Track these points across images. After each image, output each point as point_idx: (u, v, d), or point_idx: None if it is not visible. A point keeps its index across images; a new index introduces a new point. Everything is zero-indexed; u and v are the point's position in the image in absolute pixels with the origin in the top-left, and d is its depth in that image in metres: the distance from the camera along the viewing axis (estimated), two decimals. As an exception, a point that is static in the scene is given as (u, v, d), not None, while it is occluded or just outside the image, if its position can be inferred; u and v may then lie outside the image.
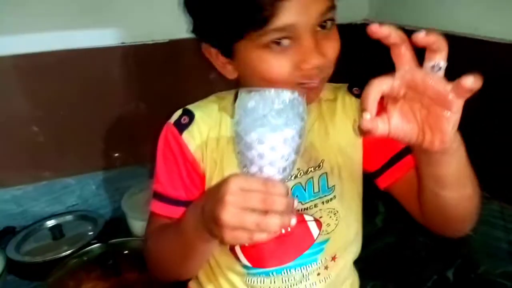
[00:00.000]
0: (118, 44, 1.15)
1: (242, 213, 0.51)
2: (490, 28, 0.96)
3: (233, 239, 0.53)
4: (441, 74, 0.50)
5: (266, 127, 0.54)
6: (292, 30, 0.58)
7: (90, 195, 1.25)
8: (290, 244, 0.73)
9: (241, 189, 0.52)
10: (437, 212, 0.66)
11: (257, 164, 0.55)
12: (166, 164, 0.74)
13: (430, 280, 1.03)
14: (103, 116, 1.20)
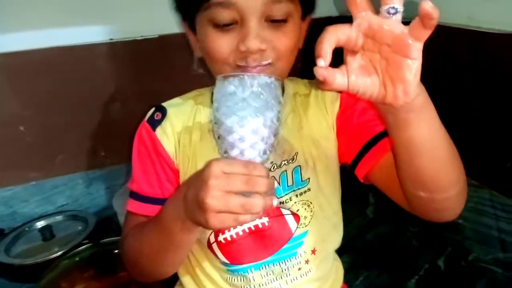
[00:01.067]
0: (107, 41, 1.14)
1: (226, 196, 0.52)
2: (484, 17, 0.97)
3: (218, 222, 0.53)
4: (398, 19, 0.47)
5: (247, 110, 0.55)
6: (236, 8, 0.60)
7: (80, 195, 1.23)
8: (268, 239, 0.73)
9: (223, 172, 0.53)
10: (418, 188, 0.59)
11: (238, 148, 0.56)
12: (141, 162, 0.73)
13: (422, 269, 1.04)
14: (92, 114, 1.18)
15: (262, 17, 0.62)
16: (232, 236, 0.72)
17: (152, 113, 0.75)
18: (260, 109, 0.55)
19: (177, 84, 1.20)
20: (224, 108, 0.56)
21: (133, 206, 0.73)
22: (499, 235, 0.99)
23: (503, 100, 0.94)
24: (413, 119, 0.53)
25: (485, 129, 0.99)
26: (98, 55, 1.14)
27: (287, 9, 0.63)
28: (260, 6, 0.61)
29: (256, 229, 0.72)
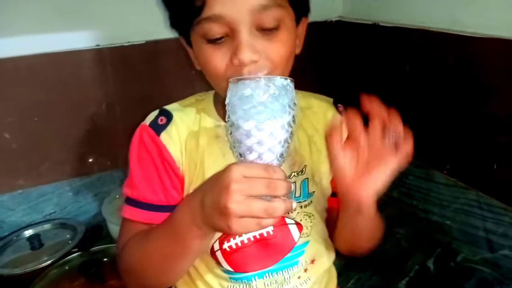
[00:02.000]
0: (93, 47, 1.13)
1: (249, 200, 0.52)
2: (468, 21, 0.99)
3: (241, 227, 0.53)
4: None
5: (264, 114, 0.55)
6: (225, 21, 0.59)
7: (68, 202, 1.21)
8: (272, 247, 0.73)
9: (244, 176, 0.53)
10: (344, 245, 0.76)
11: (257, 151, 0.55)
12: (143, 168, 0.70)
13: (412, 270, 1.05)
14: (79, 121, 1.17)
15: (252, 27, 0.60)
16: (237, 244, 0.72)
17: (156, 117, 0.72)
18: (278, 112, 0.55)
19: (165, 90, 1.21)
20: (240, 112, 0.55)
21: (133, 214, 0.70)
22: (486, 236, 1.01)
23: (488, 103, 0.96)
24: (359, 220, 0.65)
25: (471, 131, 1.01)
26: (84, 61, 1.13)
27: (277, 15, 0.62)
28: (248, 16, 0.59)
29: (261, 237, 0.72)
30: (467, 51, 0.99)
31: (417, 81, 1.13)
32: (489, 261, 1.01)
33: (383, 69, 1.25)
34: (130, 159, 0.72)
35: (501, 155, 0.94)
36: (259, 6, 0.59)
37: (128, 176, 0.72)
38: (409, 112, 1.17)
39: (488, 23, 0.94)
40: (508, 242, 0.96)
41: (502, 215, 0.96)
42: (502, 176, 0.95)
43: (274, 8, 0.61)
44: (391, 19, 1.18)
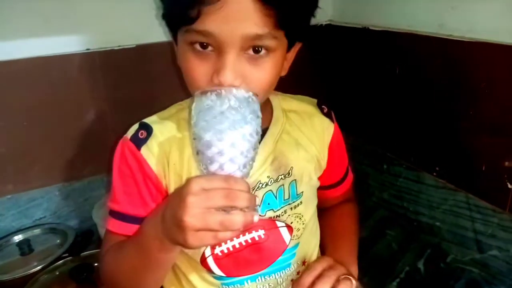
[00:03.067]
0: (83, 51, 1.12)
1: (205, 213, 0.52)
2: (454, 25, 1.00)
3: (197, 241, 0.53)
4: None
5: (225, 124, 0.55)
6: (214, 39, 0.58)
7: (58, 207, 1.20)
8: (264, 251, 0.74)
9: (202, 189, 0.52)
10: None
11: (218, 162, 0.55)
12: (123, 182, 0.71)
13: (403, 272, 1.06)
14: (69, 125, 1.16)
15: (241, 50, 0.60)
16: (229, 249, 0.72)
17: (136, 131, 0.72)
18: (239, 122, 0.55)
19: (156, 94, 1.20)
20: (202, 123, 0.56)
21: (114, 226, 0.71)
22: (476, 236, 1.02)
23: (476, 106, 0.97)
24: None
25: (460, 134, 1.02)
26: (74, 65, 1.11)
27: (269, 45, 0.61)
28: (240, 40, 0.58)
29: (253, 241, 0.73)
30: (454, 54, 1.00)
31: (407, 84, 1.15)
32: (478, 261, 1.03)
33: (373, 73, 1.26)
34: (113, 171, 0.72)
35: (489, 156, 0.96)
36: (253, 35, 0.58)
37: (111, 189, 0.73)
38: (399, 114, 1.19)
39: (473, 28, 0.96)
40: (497, 243, 0.97)
41: (490, 216, 0.97)
42: (490, 177, 0.96)
43: (268, 39, 0.60)
44: (381, 23, 1.20)
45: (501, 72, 0.91)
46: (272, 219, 0.74)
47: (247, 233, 0.73)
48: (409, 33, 1.10)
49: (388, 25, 1.17)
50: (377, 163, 1.28)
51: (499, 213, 0.95)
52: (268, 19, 0.57)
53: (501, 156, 0.93)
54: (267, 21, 0.58)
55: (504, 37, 0.89)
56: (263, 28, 0.58)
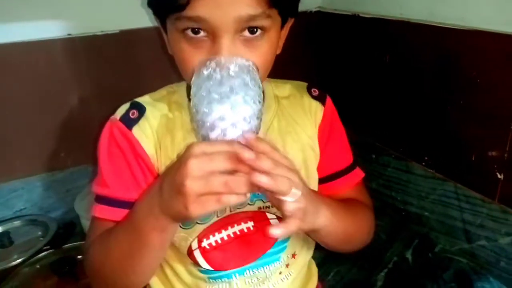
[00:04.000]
0: (65, 36, 1.08)
1: (208, 176, 0.48)
2: (445, 13, 0.98)
3: (199, 207, 0.49)
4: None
5: (225, 87, 0.53)
6: (207, 24, 0.56)
7: (39, 198, 1.17)
8: (253, 243, 0.72)
9: (204, 153, 0.49)
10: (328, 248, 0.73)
11: (219, 127, 0.53)
12: (113, 164, 0.67)
13: (391, 262, 1.06)
14: (50, 113, 1.12)
15: (235, 33, 0.58)
16: (217, 241, 0.70)
17: (127, 110, 0.68)
18: (239, 87, 0.53)
19: (141, 81, 1.17)
20: (202, 91, 0.54)
21: (102, 212, 0.66)
22: (464, 226, 1.02)
23: (466, 95, 0.96)
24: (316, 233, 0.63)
25: (450, 123, 1.01)
26: (56, 51, 1.08)
27: (264, 25, 0.59)
28: (233, 23, 0.56)
29: (241, 233, 0.71)
30: (445, 43, 0.99)
31: (397, 73, 1.13)
32: (466, 251, 1.03)
33: (363, 61, 1.25)
34: (99, 155, 0.68)
35: (479, 146, 0.95)
36: (247, 16, 0.57)
37: (97, 174, 0.68)
38: (389, 104, 1.18)
39: (465, 16, 0.94)
40: (485, 233, 0.97)
41: (479, 206, 0.97)
42: (480, 167, 0.95)
43: (262, 19, 0.58)
44: (371, 10, 1.18)
45: (493, 61, 0.90)
46: (262, 210, 0.72)
47: (235, 225, 0.70)
48: (400, 20, 1.09)
49: (379, 13, 1.15)
50: (365, 152, 1.27)
51: (488, 203, 0.95)
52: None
53: (491, 146, 0.92)
54: (259, 1, 0.56)
55: (496, 25, 0.88)
56: (256, 8, 0.56)
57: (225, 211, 0.70)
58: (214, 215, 0.69)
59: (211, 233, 0.69)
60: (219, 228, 0.70)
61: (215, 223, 0.69)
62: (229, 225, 0.70)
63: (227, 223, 0.70)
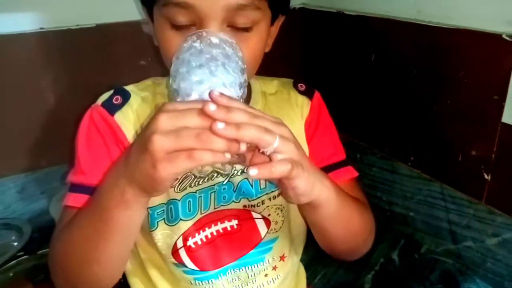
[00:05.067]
0: (36, 30, 1.02)
1: (179, 130, 0.43)
2: (433, 11, 0.97)
3: (168, 165, 0.43)
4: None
5: (205, 56, 0.51)
6: (194, 11, 0.55)
7: (12, 201, 1.11)
8: (236, 242, 0.70)
9: (177, 109, 0.45)
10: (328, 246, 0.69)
11: (196, 91, 0.49)
12: (92, 149, 0.64)
13: (378, 264, 1.05)
14: (23, 111, 1.07)
15: (223, 23, 0.56)
16: (202, 240, 0.68)
17: (110, 96, 0.67)
18: (220, 55, 0.51)
19: (117, 77, 1.12)
20: (179, 60, 0.52)
21: (75, 200, 0.62)
22: (450, 227, 1.01)
23: (453, 94, 0.95)
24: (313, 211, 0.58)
25: (436, 122, 1.00)
26: (27, 46, 1.02)
27: (253, 17, 0.58)
28: (222, 11, 0.55)
29: (225, 231, 0.69)
30: (432, 41, 0.97)
31: (382, 72, 1.11)
32: (452, 252, 1.02)
33: (348, 59, 1.23)
34: (77, 142, 0.65)
35: (466, 147, 0.94)
36: (236, 5, 0.55)
37: (74, 164, 0.65)
38: (374, 103, 1.16)
39: (452, 14, 0.93)
40: (472, 234, 0.96)
41: (466, 207, 0.96)
42: (467, 168, 0.95)
43: (251, 10, 0.57)
44: (356, 7, 1.15)
45: (480, 60, 0.89)
46: (247, 209, 0.70)
47: (219, 222, 0.69)
48: (385, 18, 1.07)
49: (364, 10, 1.13)
50: (350, 152, 1.24)
51: (475, 204, 0.94)
52: None
53: (478, 147, 0.92)
54: None
55: (483, 24, 0.87)
56: None
57: (209, 207, 0.68)
58: (197, 211, 0.68)
59: (196, 231, 0.67)
60: (203, 226, 0.68)
61: (199, 220, 0.68)
62: (213, 222, 0.68)
63: (211, 221, 0.68)
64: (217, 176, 0.68)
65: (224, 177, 0.69)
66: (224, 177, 0.69)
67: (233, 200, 0.69)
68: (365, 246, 0.72)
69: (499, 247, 0.91)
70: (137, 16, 1.09)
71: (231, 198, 0.69)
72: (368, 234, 0.71)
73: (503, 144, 0.87)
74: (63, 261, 0.60)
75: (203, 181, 0.68)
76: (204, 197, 0.68)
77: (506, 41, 0.82)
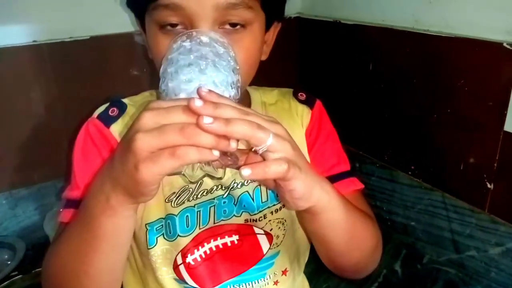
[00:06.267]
0: (30, 43, 1.00)
1: (162, 128, 0.40)
2: (430, 20, 0.96)
3: (151, 164, 0.40)
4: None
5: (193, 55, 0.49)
6: (184, 13, 0.55)
7: (4, 217, 1.08)
8: (237, 258, 0.68)
9: (161, 107, 0.42)
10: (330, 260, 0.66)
11: (185, 90, 0.47)
12: (88, 163, 0.63)
13: (381, 275, 1.03)
14: (16, 126, 1.04)
15: (214, 23, 0.56)
16: (201, 256, 0.66)
17: (106, 108, 0.66)
18: (210, 54, 0.49)
19: (112, 90, 1.10)
20: (168, 63, 0.50)
21: (70, 216, 0.60)
22: (452, 237, 1.00)
23: (452, 103, 0.95)
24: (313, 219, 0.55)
25: (436, 131, 1.00)
26: (20, 59, 1.00)
27: (245, 17, 0.57)
28: (212, 12, 0.54)
29: (225, 247, 0.67)
30: (431, 50, 0.97)
31: (381, 81, 1.11)
32: (455, 262, 1.01)
33: (346, 68, 1.22)
34: (73, 156, 0.64)
35: (467, 155, 0.94)
36: (226, 4, 0.55)
37: (70, 180, 0.64)
38: (372, 112, 1.15)
39: (451, 23, 0.93)
40: (474, 243, 0.96)
41: (468, 216, 0.96)
42: (468, 177, 0.94)
43: (242, 9, 0.56)
44: (352, 17, 1.15)
45: (480, 69, 0.88)
46: (249, 223, 0.68)
47: (219, 238, 0.67)
48: (383, 27, 1.06)
49: (361, 19, 1.13)
50: (348, 161, 1.24)
51: (477, 213, 0.94)
52: None
53: (480, 155, 0.91)
54: None
55: (483, 33, 0.87)
56: None
57: (208, 222, 0.67)
58: (196, 226, 0.66)
59: (195, 247, 0.66)
60: (202, 241, 0.66)
61: (198, 236, 0.66)
62: (212, 237, 0.66)
63: (211, 236, 0.67)
64: (216, 189, 0.67)
65: (224, 190, 0.67)
66: (224, 190, 0.67)
67: (234, 214, 0.68)
68: (371, 262, 0.70)
69: (503, 256, 0.91)
70: (130, 27, 1.07)
71: (232, 212, 0.68)
72: (374, 248, 0.68)
73: (506, 153, 0.86)
74: (54, 276, 0.58)
75: (202, 194, 0.66)
76: (203, 212, 0.66)
77: (507, 50, 0.82)
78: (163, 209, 0.65)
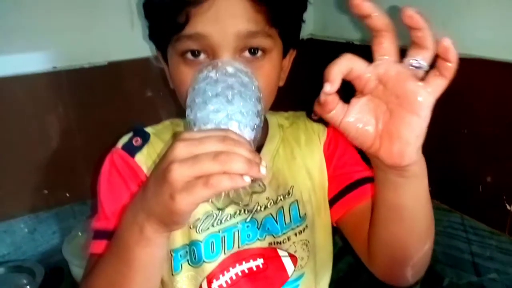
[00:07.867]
0: (49, 70, 1.02)
1: (196, 157, 0.41)
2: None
3: (186, 195, 0.41)
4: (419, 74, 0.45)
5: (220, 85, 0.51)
6: (206, 42, 0.56)
7: (23, 242, 1.09)
8: (263, 281, 0.68)
9: (194, 137, 0.43)
10: (384, 252, 0.61)
11: (213, 120, 0.49)
12: (115, 194, 0.63)
13: (401, 299, 1.01)
14: (34, 150, 1.05)
15: (235, 52, 0.57)
16: (227, 282, 0.66)
17: (130, 138, 0.67)
18: (236, 84, 0.51)
19: (131, 115, 1.12)
20: (195, 92, 0.51)
21: (100, 247, 0.61)
22: (472, 259, 0.99)
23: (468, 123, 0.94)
24: (401, 185, 0.51)
25: (453, 152, 0.99)
26: (39, 85, 1.02)
27: (264, 45, 0.59)
28: (233, 41, 0.56)
29: (250, 272, 0.67)
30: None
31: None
32: (475, 285, 0.99)
33: (358, 88, 1.22)
34: (99, 188, 0.64)
35: (486, 177, 0.92)
36: (247, 32, 0.56)
37: (97, 211, 0.65)
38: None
39: (465, 44, 0.92)
40: (495, 266, 0.94)
41: (488, 238, 0.94)
42: (488, 199, 0.93)
43: (262, 37, 0.58)
44: (365, 37, 1.16)
45: (496, 89, 0.88)
46: (273, 246, 0.68)
47: (244, 262, 0.67)
48: (397, 48, 1.07)
49: (373, 40, 1.13)
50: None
51: (497, 235, 0.92)
52: (259, 16, 0.56)
53: (499, 177, 0.90)
54: (259, 18, 0.57)
55: (498, 53, 0.87)
56: (256, 25, 0.56)
57: (233, 247, 0.66)
58: (221, 251, 0.66)
59: (220, 273, 0.65)
60: (228, 266, 0.66)
61: (223, 262, 0.66)
62: (237, 262, 0.66)
63: (235, 260, 0.67)
64: (239, 213, 0.67)
65: (247, 214, 0.67)
66: (247, 214, 0.67)
67: (257, 238, 0.68)
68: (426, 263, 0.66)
69: (525, 279, 0.89)
70: (146, 53, 1.09)
71: (255, 236, 0.68)
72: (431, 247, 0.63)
73: (525, 174, 0.86)
74: None
75: (226, 219, 0.67)
76: (228, 237, 0.67)
77: (522, 70, 0.82)
78: (187, 236, 0.65)
